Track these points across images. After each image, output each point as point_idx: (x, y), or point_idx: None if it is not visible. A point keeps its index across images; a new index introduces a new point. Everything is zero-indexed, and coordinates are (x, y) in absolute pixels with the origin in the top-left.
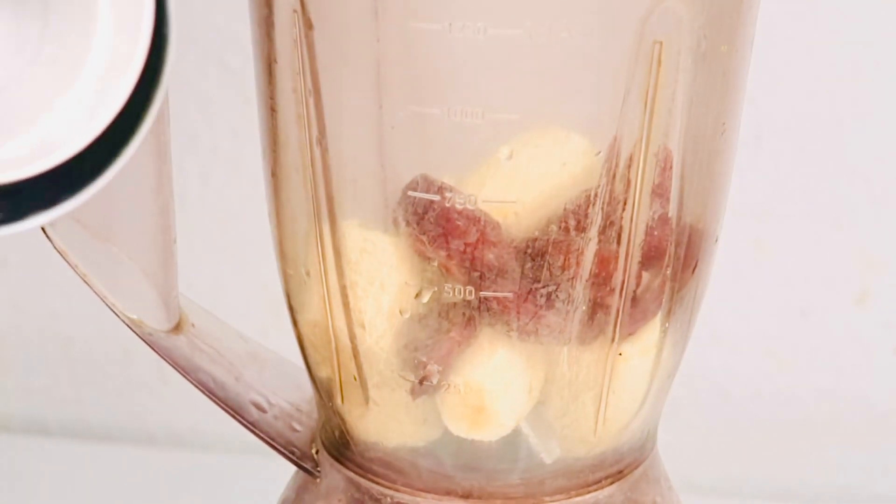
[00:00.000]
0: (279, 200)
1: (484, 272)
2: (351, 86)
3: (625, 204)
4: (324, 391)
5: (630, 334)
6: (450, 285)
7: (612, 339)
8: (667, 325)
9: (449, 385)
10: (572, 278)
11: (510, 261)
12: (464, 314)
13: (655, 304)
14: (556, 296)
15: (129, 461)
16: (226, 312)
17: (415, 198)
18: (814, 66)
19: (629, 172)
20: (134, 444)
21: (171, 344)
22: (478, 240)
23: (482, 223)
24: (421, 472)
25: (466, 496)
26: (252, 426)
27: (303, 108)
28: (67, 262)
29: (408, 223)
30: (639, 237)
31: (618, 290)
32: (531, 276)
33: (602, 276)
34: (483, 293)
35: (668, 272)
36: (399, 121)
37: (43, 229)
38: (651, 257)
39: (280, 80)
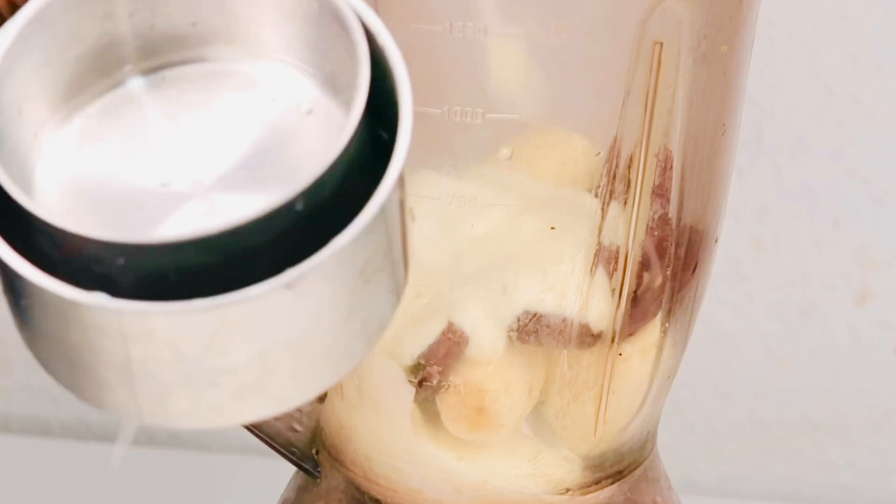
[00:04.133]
0: None
1: None
2: None
3: (625, 204)
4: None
5: (630, 334)
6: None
7: (612, 340)
8: (667, 325)
9: (449, 385)
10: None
11: None
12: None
13: (655, 305)
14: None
15: (129, 461)
16: None
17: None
18: (814, 66)
19: (629, 173)
20: (134, 444)
21: None
22: None
23: None
24: (421, 472)
25: (467, 496)
26: (252, 426)
27: None
28: None
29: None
30: (639, 237)
31: (617, 291)
32: None
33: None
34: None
35: (668, 272)
36: None
37: None
38: (651, 258)
39: None
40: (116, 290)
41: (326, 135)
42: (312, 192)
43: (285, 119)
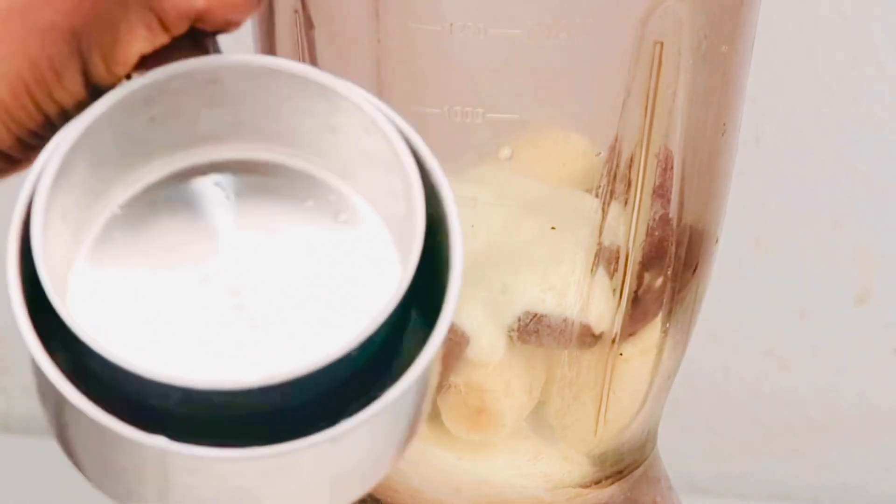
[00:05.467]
0: None
1: None
2: None
3: (625, 204)
4: None
5: (631, 335)
6: None
7: (613, 340)
8: (667, 325)
9: (449, 386)
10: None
11: None
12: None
13: (656, 305)
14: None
15: None
16: None
17: None
18: (814, 66)
19: (630, 173)
20: None
21: None
22: None
23: None
24: (421, 473)
25: (467, 496)
26: None
27: None
28: None
29: None
30: (639, 238)
31: (618, 291)
32: None
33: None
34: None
35: (668, 273)
36: None
37: None
38: (652, 258)
39: None
40: (162, 418)
41: (361, 246)
42: (366, 343)
43: (321, 226)
